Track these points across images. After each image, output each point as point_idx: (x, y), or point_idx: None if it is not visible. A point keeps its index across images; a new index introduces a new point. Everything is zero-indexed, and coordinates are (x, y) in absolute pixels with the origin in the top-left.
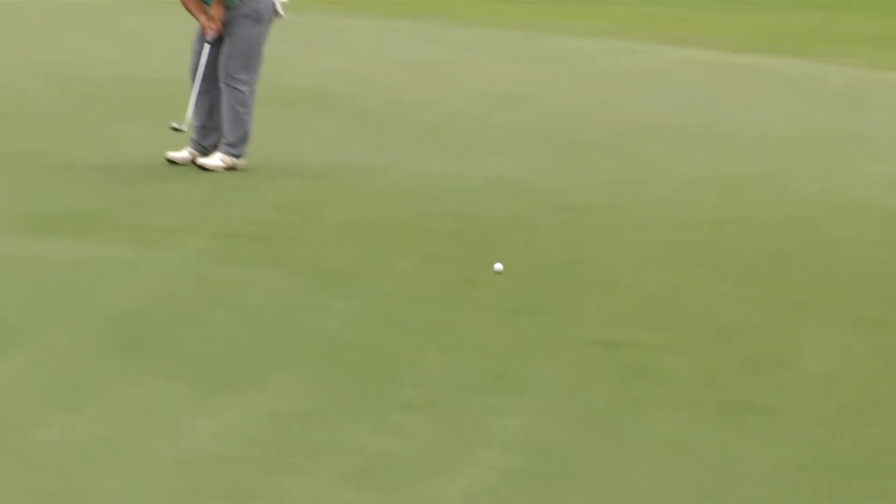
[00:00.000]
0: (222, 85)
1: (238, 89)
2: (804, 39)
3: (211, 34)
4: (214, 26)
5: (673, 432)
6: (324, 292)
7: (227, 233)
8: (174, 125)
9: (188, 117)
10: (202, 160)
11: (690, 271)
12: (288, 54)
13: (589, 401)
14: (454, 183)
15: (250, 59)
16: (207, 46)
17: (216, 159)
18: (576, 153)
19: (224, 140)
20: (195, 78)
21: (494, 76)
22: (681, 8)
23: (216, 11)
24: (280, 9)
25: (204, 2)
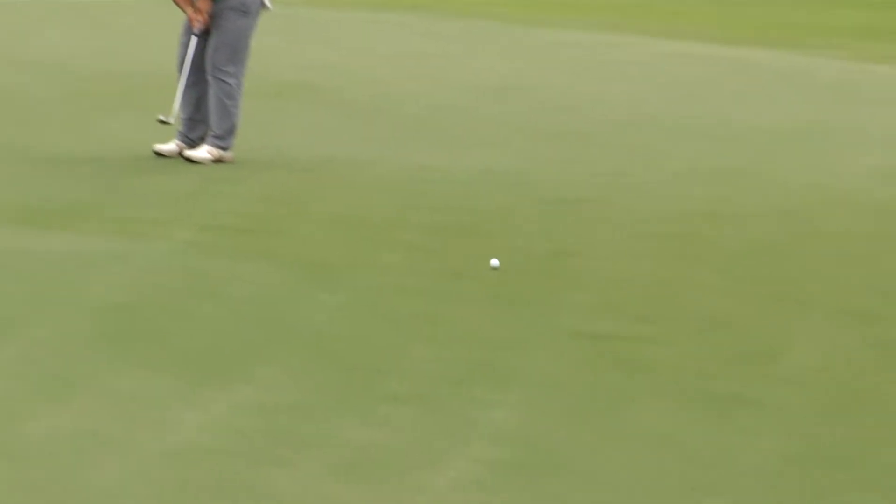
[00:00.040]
0: (209, 77)
1: (225, 82)
2: (794, 32)
3: (198, 27)
4: (201, 19)
5: (660, 425)
6: (311, 285)
7: (215, 225)
8: (161, 118)
9: (175, 110)
10: (189, 152)
11: (679, 264)
12: (275, 47)
13: (576, 393)
14: (442, 175)
15: (237, 52)
16: (194, 39)
17: (203, 151)
18: (564, 146)
19: (211, 132)
20: (182, 70)
21: (482, 68)
22: (670, 0)
23: (203, 4)
24: (267, 1)
25: None
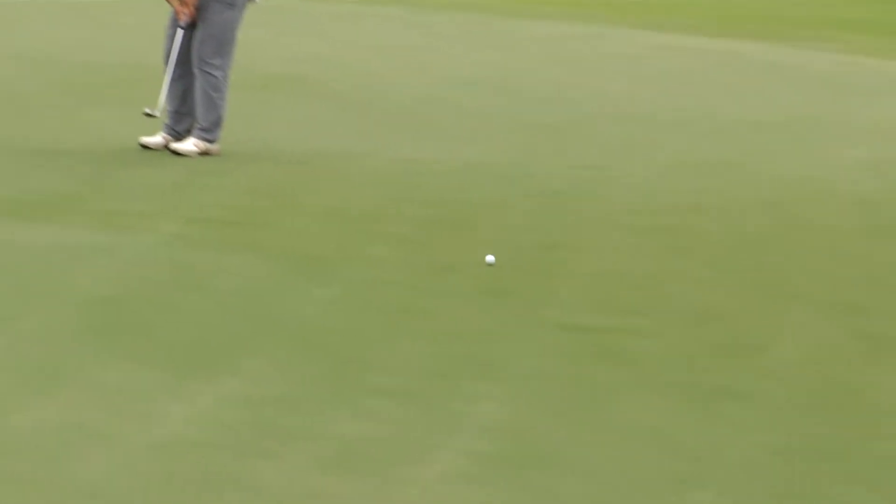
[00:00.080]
0: (196, 70)
1: (211, 74)
2: (783, 25)
3: (184, 19)
4: (188, 11)
5: (647, 417)
6: (298, 277)
7: (201, 218)
8: (147, 111)
9: (161, 102)
10: (175, 145)
11: (666, 256)
12: (262, 39)
13: (564, 386)
14: (430, 168)
15: (224, 44)
16: (181, 31)
17: (190, 144)
18: (552, 138)
19: (197, 125)
20: (168, 63)
21: (472, 61)
22: None
23: None
24: None
25: None
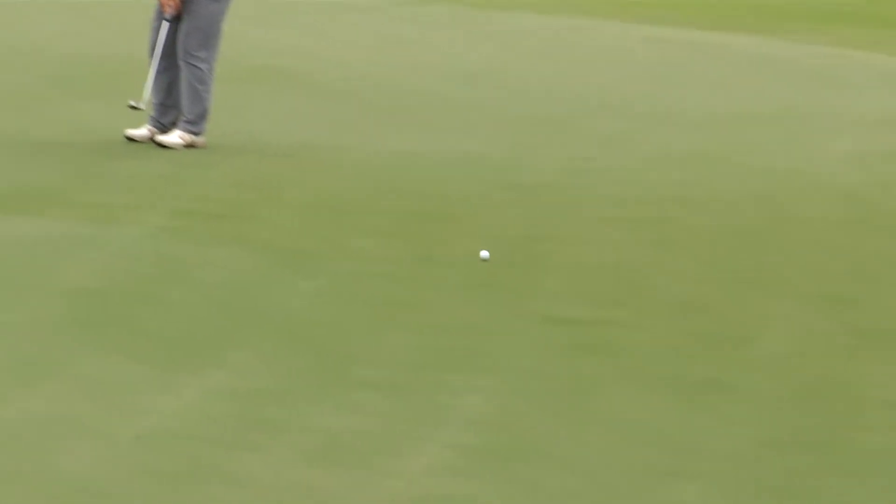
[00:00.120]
0: (181, 62)
1: (197, 66)
2: (770, 17)
3: (169, 11)
4: (173, 3)
5: (633, 409)
6: (283, 270)
7: (187, 210)
8: (132, 103)
9: (146, 95)
10: (161, 137)
11: (652, 249)
12: (247, 31)
13: (549, 378)
14: (414, 161)
15: (209, 37)
16: (166, 24)
17: (175, 137)
18: (537, 131)
19: (183, 117)
20: (153, 55)
21: (455, 53)
22: None
23: None
24: None
25: None
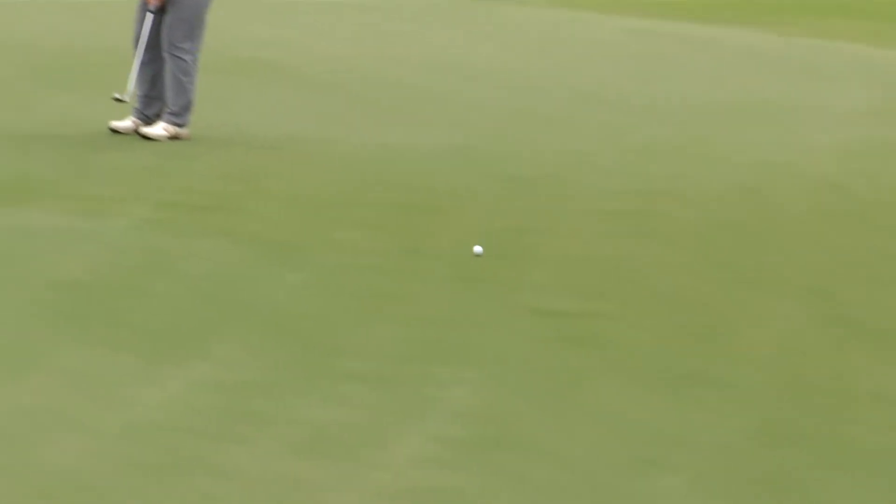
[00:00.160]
0: (165, 54)
1: (181, 58)
2: (753, 9)
3: (154, 3)
4: None
5: (618, 402)
6: (269, 262)
7: (172, 202)
8: (116, 96)
9: (130, 87)
10: (145, 129)
11: (637, 241)
12: (232, 23)
13: (536, 370)
14: (401, 153)
15: (193, 29)
16: (150, 16)
17: (159, 128)
18: (522, 123)
19: (167, 109)
20: (137, 47)
21: (441, 46)
22: None
23: None
24: None
25: None
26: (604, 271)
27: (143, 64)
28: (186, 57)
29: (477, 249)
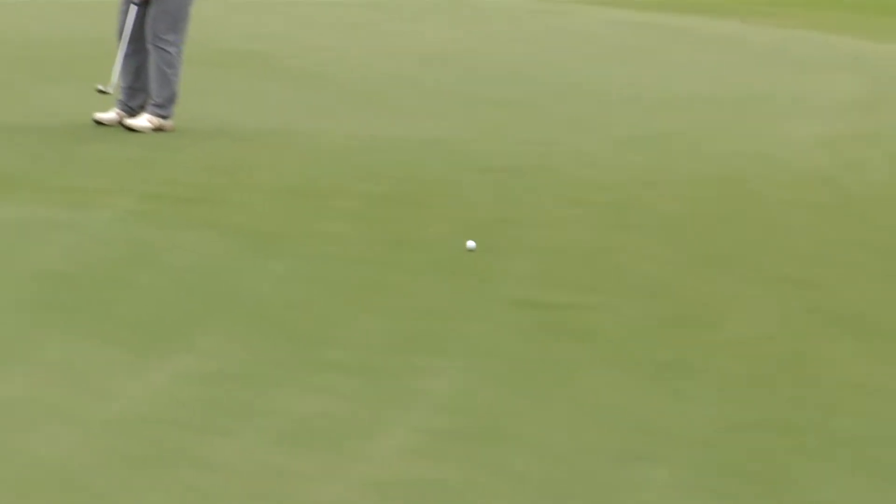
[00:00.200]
0: (149, 46)
1: (165, 50)
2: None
3: None
4: None
5: (601, 392)
6: (254, 254)
7: (156, 194)
8: (100, 87)
9: (114, 79)
10: (129, 121)
11: (618, 231)
12: (217, 15)
13: (517, 361)
14: (385, 144)
15: (178, 20)
16: (134, 7)
17: (143, 120)
18: (505, 114)
19: (151, 101)
20: (122, 39)
21: (425, 37)
22: None
23: None
24: None
25: None
26: (587, 262)
27: (128, 55)
28: (171, 49)
29: (470, 244)
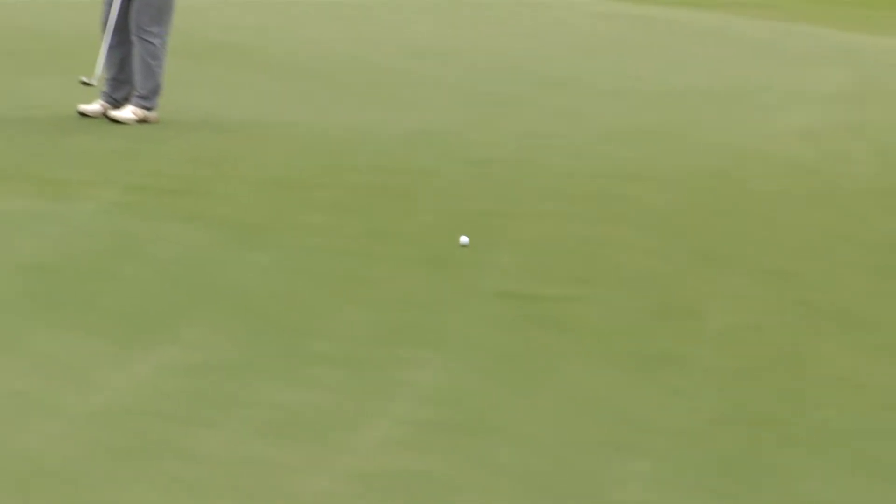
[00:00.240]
0: (134, 37)
1: (150, 42)
2: None
3: None
4: None
5: (586, 384)
6: (238, 245)
7: (141, 186)
8: (84, 79)
9: (98, 71)
10: (113, 113)
11: (604, 224)
12: (201, 6)
13: (501, 353)
14: (369, 136)
15: (162, 12)
16: None
17: (128, 112)
18: (491, 107)
19: (135, 92)
20: (106, 30)
21: (412, 29)
22: None
23: None
24: None
25: None
26: (572, 254)
27: (112, 47)
28: (155, 40)
29: (463, 240)
